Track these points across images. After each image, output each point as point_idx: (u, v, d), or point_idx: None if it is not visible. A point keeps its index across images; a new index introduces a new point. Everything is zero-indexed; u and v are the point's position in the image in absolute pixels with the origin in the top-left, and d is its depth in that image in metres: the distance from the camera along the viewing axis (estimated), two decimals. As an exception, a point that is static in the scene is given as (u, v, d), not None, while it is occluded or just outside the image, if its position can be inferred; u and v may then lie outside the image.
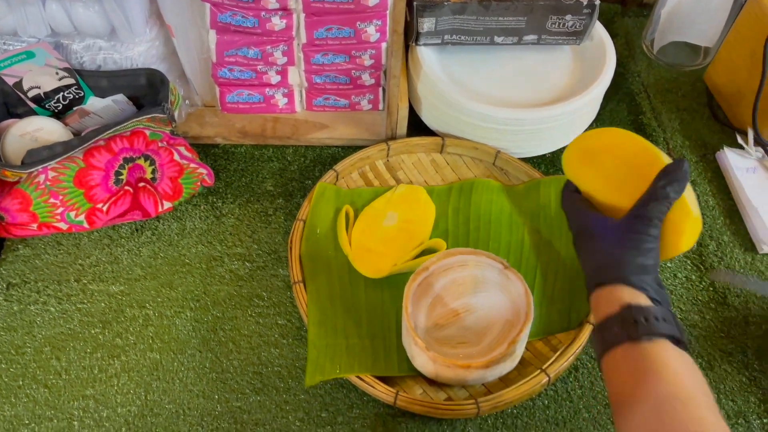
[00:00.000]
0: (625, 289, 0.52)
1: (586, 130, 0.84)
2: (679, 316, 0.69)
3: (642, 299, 0.51)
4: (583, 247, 0.60)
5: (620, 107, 0.88)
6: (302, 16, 0.74)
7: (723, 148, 0.81)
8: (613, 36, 0.95)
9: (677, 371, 0.47)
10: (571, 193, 0.64)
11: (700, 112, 0.86)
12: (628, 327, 0.49)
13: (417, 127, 0.84)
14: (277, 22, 0.74)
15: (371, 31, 0.76)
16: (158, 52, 0.76)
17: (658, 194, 0.54)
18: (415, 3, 0.77)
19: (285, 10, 0.73)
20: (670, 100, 0.88)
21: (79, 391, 0.63)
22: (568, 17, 0.80)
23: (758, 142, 0.79)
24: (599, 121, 0.86)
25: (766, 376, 0.66)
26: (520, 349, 0.63)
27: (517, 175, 0.80)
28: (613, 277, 0.53)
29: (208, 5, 0.73)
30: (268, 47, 0.77)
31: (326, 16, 0.74)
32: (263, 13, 0.73)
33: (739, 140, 0.80)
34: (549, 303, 0.70)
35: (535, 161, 0.82)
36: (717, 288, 0.71)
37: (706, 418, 0.44)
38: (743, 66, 0.79)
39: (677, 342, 0.49)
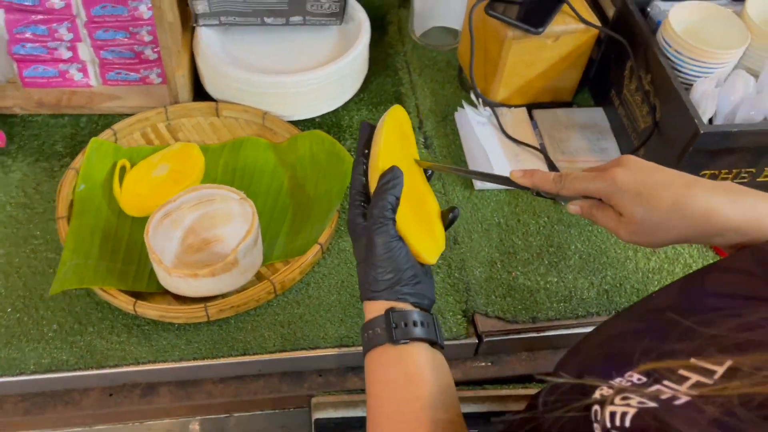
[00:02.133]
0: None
1: (350, 100, 0.97)
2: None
3: (403, 304, 0.54)
4: (356, 254, 0.58)
5: (386, 81, 1.02)
6: (78, -5, 0.85)
7: (463, 106, 0.95)
8: (388, 24, 1.11)
9: (424, 374, 0.51)
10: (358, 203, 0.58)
11: (450, 83, 1.02)
12: (389, 330, 0.52)
13: (206, 97, 0.95)
14: (57, 2, 0.85)
15: (143, 9, 0.87)
16: (-51, 28, 0.86)
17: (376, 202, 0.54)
18: (186, -14, 0.89)
19: (61, -10, 0.84)
20: (426, 75, 1.03)
21: None
22: (323, 0, 0.94)
23: (485, 102, 0.95)
24: (365, 91, 1.00)
25: (462, 281, 0.79)
26: (245, 262, 0.74)
27: (283, 134, 0.92)
28: (371, 296, 0.55)
29: (-10, -15, 0.83)
30: (54, 24, 0.87)
31: (99, -5, 0.85)
32: (41, -9, 0.84)
33: (473, 98, 0.95)
34: (294, 233, 0.82)
35: (304, 124, 0.95)
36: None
37: (440, 418, 0.49)
38: (466, 37, 0.95)
39: (433, 344, 0.54)
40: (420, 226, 0.57)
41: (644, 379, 0.36)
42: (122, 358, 0.71)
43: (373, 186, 0.54)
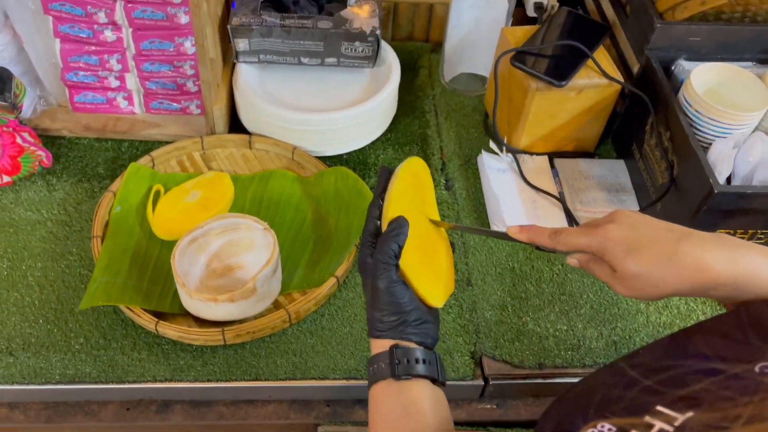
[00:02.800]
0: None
1: (378, 139, 1.01)
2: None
3: (408, 342, 0.57)
4: (366, 294, 0.60)
5: (413, 122, 1.06)
6: (129, 30, 0.91)
7: (481, 152, 0.98)
8: (419, 68, 1.15)
9: (423, 408, 0.54)
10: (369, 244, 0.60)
11: (475, 128, 1.05)
12: (393, 366, 0.55)
13: (241, 129, 1.00)
14: (110, 35, 0.91)
15: (188, 45, 0.93)
16: (10, 55, 0.93)
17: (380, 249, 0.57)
18: (228, 26, 0.95)
19: (114, 25, 0.90)
20: (452, 118, 1.06)
21: None
22: (357, 44, 0.98)
23: (508, 149, 0.98)
24: (393, 131, 1.04)
25: (472, 323, 0.81)
26: (263, 290, 0.77)
27: (311, 168, 0.96)
28: (377, 335, 0.58)
29: (50, 17, 0.90)
30: (105, 56, 0.94)
31: (149, 31, 0.91)
32: (96, 26, 0.90)
33: (492, 146, 0.98)
34: (313, 265, 0.85)
35: (332, 160, 0.99)
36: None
37: None
38: (492, 85, 0.98)
39: (434, 381, 0.57)
40: (427, 271, 0.59)
41: (614, 429, 0.37)
42: (141, 375, 0.75)
43: (383, 228, 0.58)
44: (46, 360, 0.75)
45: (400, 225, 0.56)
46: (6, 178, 0.90)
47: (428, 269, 0.60)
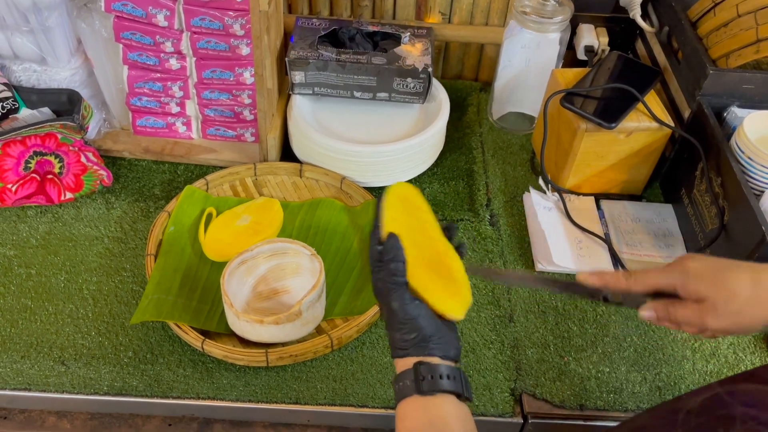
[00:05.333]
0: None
1: (424, 173, 1.03)
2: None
3: (432, 359, 0.57)
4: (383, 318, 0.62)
5: (460, 158, 1.08)
6: (193, 59, 0.96)
7: (529, 190, 0.99)
8: (468, 105, 1.17)
9: (449, 422, 0.55)
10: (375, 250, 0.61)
11: (522, 166, 1.06)
12: (417, 382, 0.55)
13: (293, 158, 1.03)
14: (174, 63, 0.96)
15: (247, 75, 0.97)
16: (81, 78, 0.98)
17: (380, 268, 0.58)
18: (287, 59, 0.99)
19: (179, 54, 0.95)
20: (499, 156, 1.07)
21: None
22: (409, 80, 1.01)
23: (554, 188, 0.98)
24: (439, 166, 1.06)
25: (513, 360, 0.81)
26: (307, 314, 0.78)
27: (358, 198, 0.98)
28: (400, 354, 0.58)
29: (121, 45, 0.95)
30: (169, 83, 0.98)
31: (211, 61, 0.96)
32: (162, 54, 0.95)
33: (541, 183, 0.98)
34: (356, 293, 0.86)
35: (379, 191, 1.01)
36: (494, 291, 0.87)
37: None
38: (540, 125, 0.99)
39: (459, 396, 0.57)
40: (439, 286, 0.60)
41: None
42: (185, 391, 0.76)
43: None
44: (96, 371, 0.77)
45: (391, 245, 0.57)
46: (69, 195, 0.94)
47: (440, 284, 0.61)
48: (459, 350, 0.60)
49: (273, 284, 0.85)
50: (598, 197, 0.99)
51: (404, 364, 0.58)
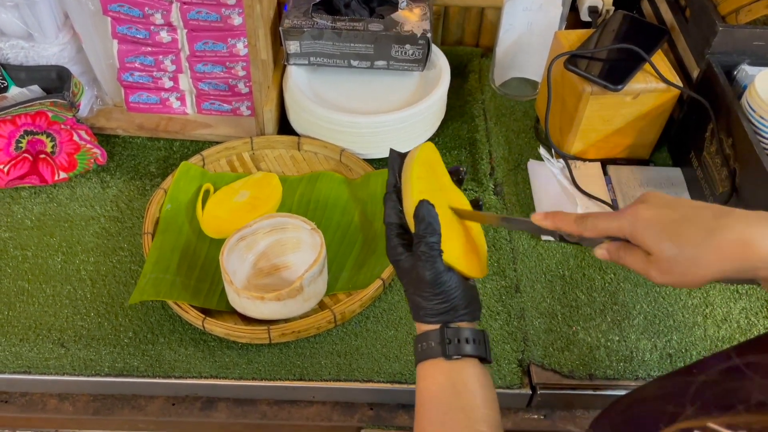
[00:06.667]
0: None
1: (424, 142, 1.00)
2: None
3: (459, 324, 0.57)
4: (403, 281, 0.60)
5: (462, 127, 1.05)
6: (184, 31, 0.93)
7: (535, 157, 0.96)
8: (469, 72, 1.14)
9: (472, 388, 0.55)
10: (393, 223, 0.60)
11: (525, 133, 1.03)
12: (444, 345, 0.55)
13: (290, 131, 1.01)
14: (165, 36, 0.93)
15: (240, 47, 0.94)
16: (70, 55, 0.95)
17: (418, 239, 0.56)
18: (280, 28, 0.96)
19: (170, 26, 0.92)
20: (502, 123, 1.04)
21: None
22: (408, 46, 0.98)
23: (559, 154, 0.95)
24: (441, 135, 1.03)
25: (520, 330, 0.79)
26: (309, 290, 0.77)
27: (358, 170, 0.96)
28: (427, 321, 0.57)
29: (109, 18, 0.92)
30: (160, 56, 0.95)
31: (202, 32, 0.93)
32: (152, 27, 0.92)
33: (542, 151, 0.96)
34: (359, 267, 0.85)
35: (379, 162, 0.98)
36: (499, 261, 0.85)
37: (480, 429, 0.53)
38: (544, 89, 0.96)
39: (483, 359, 0.57)
40: (464, 248, 0.59)
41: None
42: (187, 370, 0.75)
43: (409, 218, 0.57)
44: (96, 352, 0.76)
45: (429, 212, 0.55)
46: (63, 175, 0.92)
47: (465, 246, 0.60)
48: (480, 309, 0.60)
49: (273, 260, 0.83)
50: (605, 162, 0.96)
51: (428, 325, 0.57)
